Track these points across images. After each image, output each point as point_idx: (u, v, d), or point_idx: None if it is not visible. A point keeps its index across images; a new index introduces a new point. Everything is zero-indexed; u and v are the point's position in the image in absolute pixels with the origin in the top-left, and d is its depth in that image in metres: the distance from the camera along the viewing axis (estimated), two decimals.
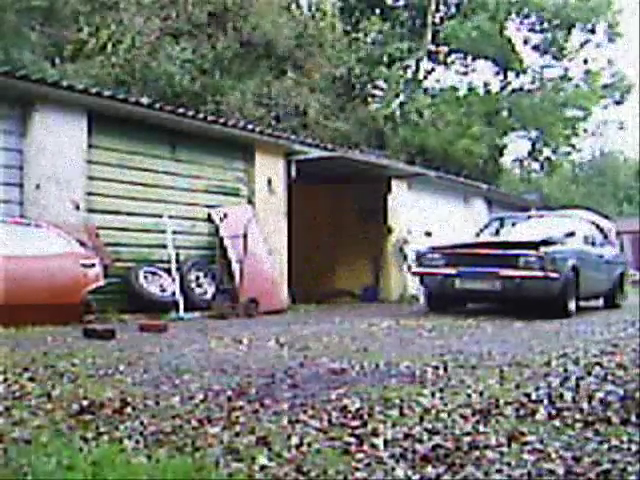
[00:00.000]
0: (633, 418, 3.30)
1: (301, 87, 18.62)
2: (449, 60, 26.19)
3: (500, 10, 22.66)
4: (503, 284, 9.32)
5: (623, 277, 12.39)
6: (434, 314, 9.76)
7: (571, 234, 10.61)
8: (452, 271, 9.67)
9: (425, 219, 15.10)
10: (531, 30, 25.06)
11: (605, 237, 11.97)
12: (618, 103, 26.46)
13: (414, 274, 10.89)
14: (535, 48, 25.37)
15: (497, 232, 11.92)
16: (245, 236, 10.38)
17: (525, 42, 25.15)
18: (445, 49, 25.43)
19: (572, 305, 9.72)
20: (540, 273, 9.17)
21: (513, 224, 12.11)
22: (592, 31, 24.70)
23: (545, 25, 24.51)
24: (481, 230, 12.24)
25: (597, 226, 11.89)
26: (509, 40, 23.96)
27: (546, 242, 9.64)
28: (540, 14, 24.07)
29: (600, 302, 11.91)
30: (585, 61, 25.25)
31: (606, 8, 24.04)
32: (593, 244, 11.23)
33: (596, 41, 25.15)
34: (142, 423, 3.23)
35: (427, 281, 10.28)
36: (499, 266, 9.38)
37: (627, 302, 12.34)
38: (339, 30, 20.27)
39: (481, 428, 3.14)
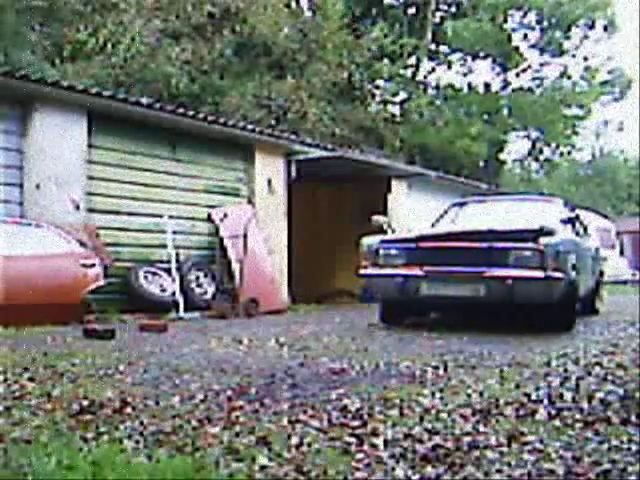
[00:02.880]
0: (633, 418, 3.30)
1: (300, 89, 18.61)
2: (449, 59, 26.20)
3: (499, 8, 22.68)
4: (488, 288, 6.98)
5: (603, 275, 10.31)
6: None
7: (569, 220, 8.47)
8: (416, 272, 7.24)
9: (425, 219, 15.09)
10: (530, 28, 25.06)
11: (581, 224, 9.49)
12: (617, 99, 26.44)
13: (360, 277, 8.06)
14: (534, 46, 25.37)
15: (457, 221, 8.80)
16: (245, 236, 10.39)
17: (525, 38, 25.13)
18: (445, 48, 25.44)
19: (574, 314, 7.52)
20: (539, 273, 6.88)
21: (477, 210, 9.14)
22: (591, 27, 24.68)
23: (544, 23, 24.50)
24: (437, 219, 9.10)
25: (572, 209, 9.34)
26: (509, 38, 23.98)
27: (543, 231, 7.19)
28: (539, 11, 24.06)
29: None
30: (585, 58, 25.25)
31: (605, 3, 24.03)
32: (578, 234, 8.84)
33: (595, 37, 25.13)
34: (142, 423, 3.23)
35: (380, 285, 7.71)
36: (483, 264, 7.03)
37: (605, 308, 10.20)
38: (341, 32, 20.25)
39: (481, 428, 3.14)
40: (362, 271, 7.91)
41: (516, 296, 6.96)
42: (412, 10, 24.55)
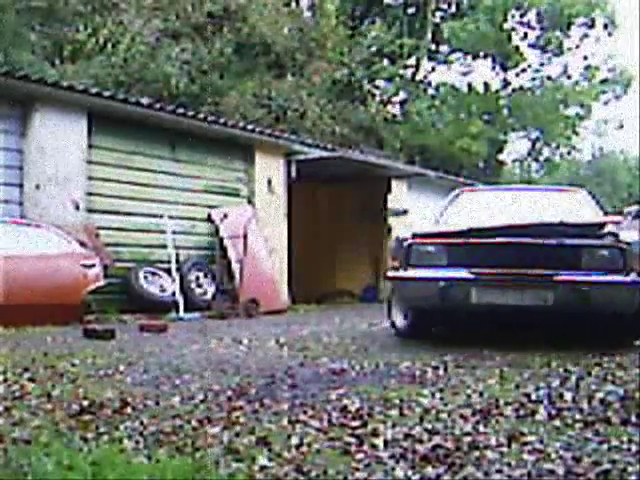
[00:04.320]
0: (633, 418, 3.30)
1: (300, 89, 18.61)
2: (449, 59, 26.18)
3: (498, 8, 22.66)
4: (559, 296, 5.59)
5: None
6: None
7: (637, 215, 7.04)
8: (464, 274, 5.80)
9: (425, 219, 15.09)
10: (530, 27, 25.04)
11: None
12: (618, 98, 26.40)
13: (390, 280, 6.58)
14: (534, 45, 25.35)
15: (473, 212, 6.99)
16: (245, 236, 10.39)
17: (524, 37, 25.11)
18: (445, 48, 25.44)
19: None
20: (622, 276, 5.59)
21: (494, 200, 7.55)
22: (591, 26, 24.65)
23: (544, 22, 24.48)
24: (445, 208, 7.22)
25: (598, 202, 7.61)
26: (509, 38, 23.96)
27: (622, 225, 6.09)
28: (539, 10, 24.05)
29: None
30: (585, 57, 25.23)
31: (605, 1, 24.01)
32: None
33: (595, 36, 25.09)
34: (142, 423, 3.23)
35: (413, 291, 6.11)
36: (552, 265, 5.68)
37: None
38: (340, 31, 20.25)
39: (481, 428, 3.14)
40: (391, 273, 6.40)
41: (593, 305, 5.56)
42: (412, 10, 24.54)
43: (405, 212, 7.28)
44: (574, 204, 7.12)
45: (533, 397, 3.78)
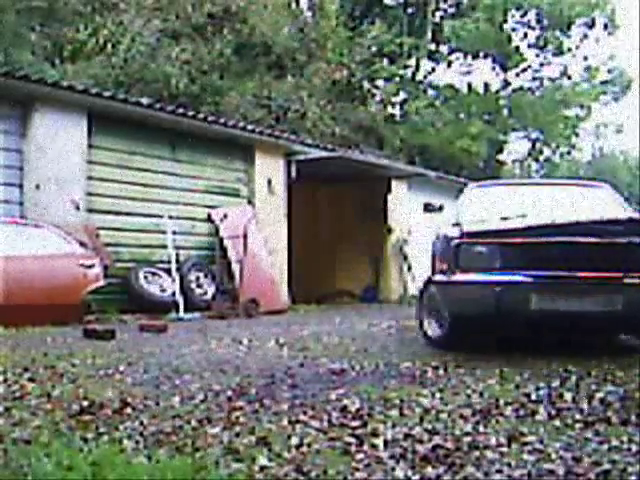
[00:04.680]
0: (633, 418, 3.30)
1: (301, 89, 18.61)
2: (449, 59, 26.19)
3: (497, 8, 22.66)
4: (628, 300, 5.08)
5: None
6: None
7: None
8: (522, 277, 5.24)
9: (425, 219, 15.09)
10: (530, 27, 25.05)
11: None
12: (617, 99, 26.41)
13: (435, 285, 5.76)
14: (534, 46, 25.36)
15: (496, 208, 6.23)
16: (245, 236, 10.39)
17: (524, 37, 25.11)
18: (445, 48, 25.44)
19: None
20: None
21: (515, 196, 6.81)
22: (591, 26, 24.65)
23: (544, 22, 24.49)
24: (462, 205, 6.61)
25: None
26: (509, 38, 23.97)
27: None
28: (539, 10, 24.05)
29: None
30: (585, 58, 25.24)
31: (605, 1, 24.01)
32: None
33: (595, 36, 25.11)
34: (142, 423, 3.23)
35: (462, 297, 5.39)
36: (620, 267, 5.13)
37: None
38: (341, 32, 20.26)
39: (481, 428, 3.14)
40: (437, 277, 5.63)
41: None
42: (412, 9, 24.55)
43: (441, 208, 6.28)
44: (601, 199, 6.63)
45: (533, 397, 3.78)
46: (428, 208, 6.84)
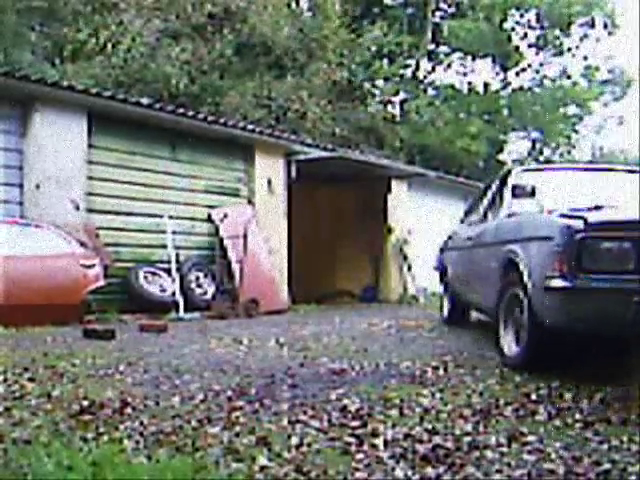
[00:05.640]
0: (633, 418, 3.30)
1: (301, 89, 18.61)
2: (449, 59, 26.19)
3: (497, 8, 22.67)
4: None
5: None
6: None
7: None
8: None
9: (425, 219, 15.10)
10: (530, 27, 25.04)
11: None
12: (618, 99, 26.40)
13: (558, 292, 4.17)
14: (534, 45, 25.35)
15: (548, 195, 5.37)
16: (245, 236, 10.39)
17: (524, 37, 25.10)
18: (445, 48, 25.45)
19: None
20: None
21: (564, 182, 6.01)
22: (591, 25, 24.64)
23: (544, 21, 24.48)
24: (494, 197, 6.14)
25: None
26: (508, 38, 23.97)
27: None
28: (539, 10, 24.05)
29: None
30: (585, 57, 25.24)
31: (604, 1, 24.00)
32: None
33: (595, 35, 25.10)
34: (142, 423, 3.23)
35: (593, 307, 4.07)
36: None
37: None
38: (342, 32, 20.25)
39: (481, 428, 3.14)
40: (557, 283, 4.17)
41: None
42: (412, 9, 24.55)
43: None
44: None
45: (533, 397, 3.79)
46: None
